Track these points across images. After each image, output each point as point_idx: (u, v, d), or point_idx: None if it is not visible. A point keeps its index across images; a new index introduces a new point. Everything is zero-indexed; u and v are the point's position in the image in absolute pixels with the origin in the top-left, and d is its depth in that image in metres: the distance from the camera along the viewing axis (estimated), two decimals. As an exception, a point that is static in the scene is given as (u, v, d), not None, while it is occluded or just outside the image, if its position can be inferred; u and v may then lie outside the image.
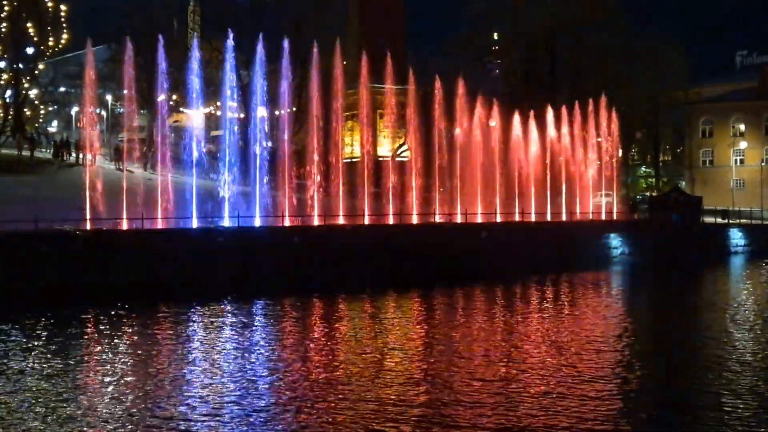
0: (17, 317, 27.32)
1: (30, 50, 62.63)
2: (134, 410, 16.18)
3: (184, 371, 19.79)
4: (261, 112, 47.10)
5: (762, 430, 15.19)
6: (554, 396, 17.20)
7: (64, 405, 16.58)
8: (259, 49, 45.58)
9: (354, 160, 59.08)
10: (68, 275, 32.42)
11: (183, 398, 17.15)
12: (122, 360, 21.30)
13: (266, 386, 18.38)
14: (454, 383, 18.38)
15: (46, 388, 17.94)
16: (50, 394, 17.44)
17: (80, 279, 32.52)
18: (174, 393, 17.61)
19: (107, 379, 18.97)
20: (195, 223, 39.90)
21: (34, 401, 16.86)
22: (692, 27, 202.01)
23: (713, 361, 21.05)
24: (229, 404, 16.67)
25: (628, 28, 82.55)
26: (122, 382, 18.69)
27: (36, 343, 23.22)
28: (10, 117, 63.13)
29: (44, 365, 20.33)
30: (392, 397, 17.21)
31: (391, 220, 48.25)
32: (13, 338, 24.21)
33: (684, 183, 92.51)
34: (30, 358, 21.24)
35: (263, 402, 16.94)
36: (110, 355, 21.86)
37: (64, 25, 63.95)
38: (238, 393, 17.57)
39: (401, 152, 64.71)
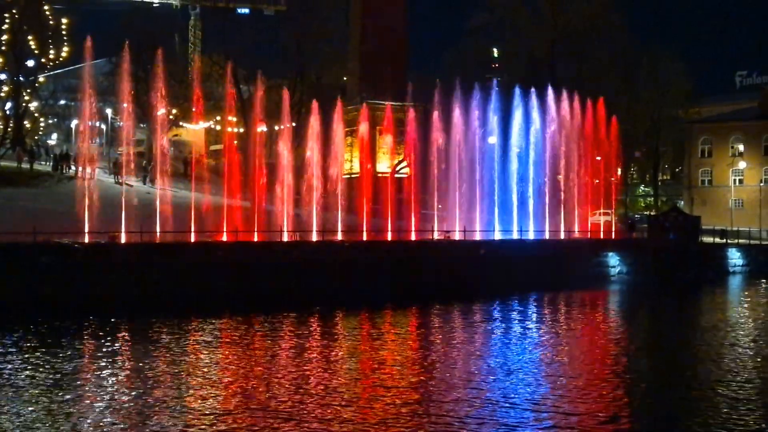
0: (15, 329, 27.26)
1: (30, 63, 62.87)
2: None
3: (181, 385, 19.74)
4: (260, 127, 47.22)
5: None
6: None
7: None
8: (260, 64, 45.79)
9: (353, 176, 59.12)
10: (66, 288, 32.40)
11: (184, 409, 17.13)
12: (114, 374, 21.23)
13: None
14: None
15: (45, 401, 17.90)
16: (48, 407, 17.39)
17: (78, 292, 32.50)
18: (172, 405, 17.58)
19: (101, 392, 18.92)
20: (193, 237, 39.91)
21: (33, 413, 16.83)
22: (693, 46, 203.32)
23: (704, 384, 21.02)
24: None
25: (628, 46, 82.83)
26: (113, 396, 18.65)
27: (34, 355, 23.14)
28: (10, 129, 63.27)
29: (42, 376, 20.27)
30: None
31: (389, 237, 48.23)
32: (11, 349, 24.14)
33: (683, 202, 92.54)
34: (27, 369, 21.21)
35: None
36: (103, 369, 21.79)
37: (65, 38, 64.23)
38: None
39: (400, 169, 64.72)
